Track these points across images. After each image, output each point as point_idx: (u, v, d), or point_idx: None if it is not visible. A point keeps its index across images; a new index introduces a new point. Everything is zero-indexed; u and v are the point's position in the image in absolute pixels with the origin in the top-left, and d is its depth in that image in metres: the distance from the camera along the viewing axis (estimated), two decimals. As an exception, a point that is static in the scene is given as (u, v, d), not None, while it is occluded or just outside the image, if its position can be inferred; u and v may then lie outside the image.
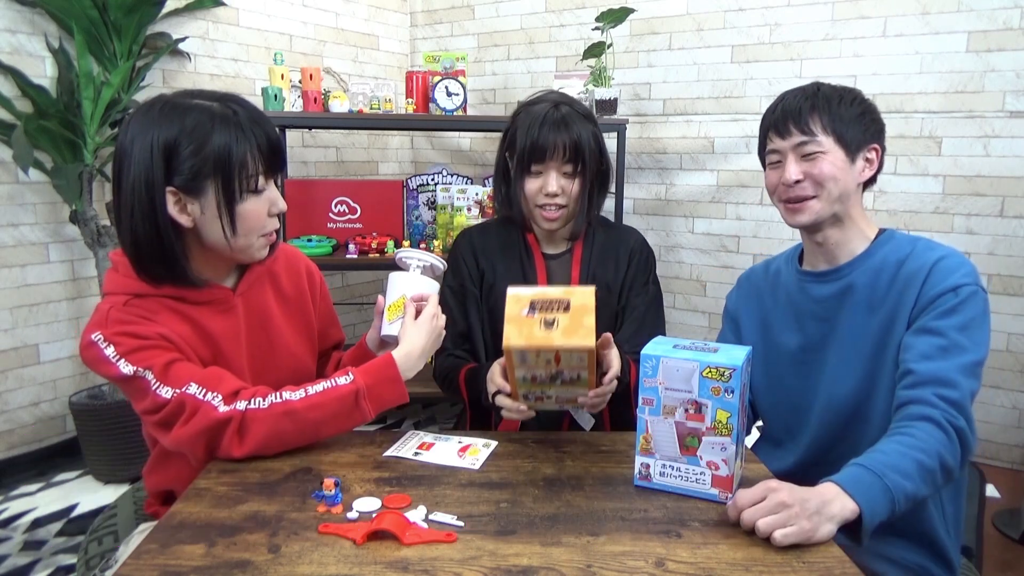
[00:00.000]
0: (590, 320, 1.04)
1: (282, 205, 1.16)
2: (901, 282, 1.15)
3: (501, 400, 1.21)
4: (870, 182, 1.24)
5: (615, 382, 1.18)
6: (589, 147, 1.41)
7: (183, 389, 1.07)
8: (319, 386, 1.13)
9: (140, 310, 1.11)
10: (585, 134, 1.41)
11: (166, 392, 1.06)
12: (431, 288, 1.26)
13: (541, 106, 1.43)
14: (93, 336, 1.08)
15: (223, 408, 1.07)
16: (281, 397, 1.11)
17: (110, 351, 1.07)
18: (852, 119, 1.18)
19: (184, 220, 1.09)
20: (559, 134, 1.38)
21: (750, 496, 0.92)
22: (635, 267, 1.53)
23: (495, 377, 1.23)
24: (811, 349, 1.25)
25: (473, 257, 1.52)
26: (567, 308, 1.05)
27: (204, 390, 1.07)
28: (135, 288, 1.12)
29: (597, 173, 1.48)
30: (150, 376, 1.07)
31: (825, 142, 1.18)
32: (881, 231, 1.24)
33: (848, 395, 1.19)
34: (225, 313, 1.19)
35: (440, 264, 1.30)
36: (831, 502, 0.90)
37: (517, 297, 1.08)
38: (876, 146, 1.21)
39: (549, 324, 1.04)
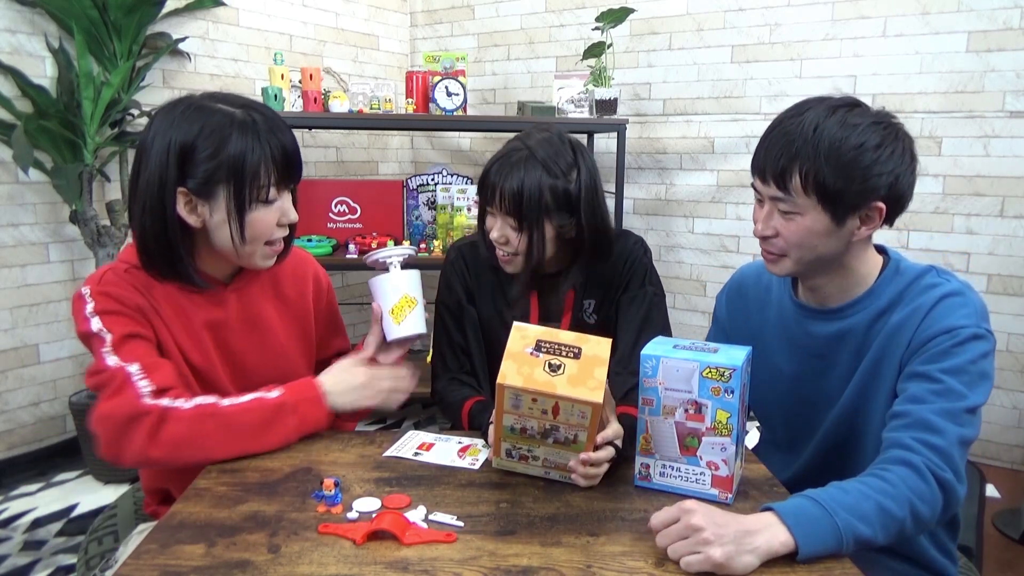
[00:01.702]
0: (601, 373, 0.95)
1: (293, 216, 1.17)
2: (893, 326, 1.07)
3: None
4: (885, 224, 1.08)
5: (610, 449, 1.04)
6: (539, 203, 1.26)
7: (126, 364, 1.07)
8: (248, 396, 1.13)
9: (135, 279, 1.14)
10: (532, 187, 1.25)
11: (112, 360, 1.08)
12: (417, 280, 1.27)
13: (512, 143, 1.33)
14: (83, 289, 1.12)
15: (148, 400, 1.06)
16: (207, 399, 1.10)
17: (89, 306, 1.10)
18: (847, 176, 0.99)
19: (193, 220, 1.11)
20: (500, 180, 1.27)
21: (663, 518, 0.87)
22: (629, 268, 1.43)
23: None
24: (805, 380, 1.19)
25: (465, 273, 1.45)
26: (577, 355, 0.96)
27: (143, 374, 1.07)
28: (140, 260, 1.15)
29: (576, 230, 1.32)
30: (108, 338, 1.09)
31: (803, 203, 1.01)
32: (887, 261, 1.13)
33: (839, 429, 1.15)
34: (214, 304, 1.20)
35: (412, 251, 1.30)
36: (756, 533, 0.84)
37: (523, 333, 0.99)
38: (879, 205, 1.02)
39: (554, 368, 0.95)
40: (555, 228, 1.31)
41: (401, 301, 1.24)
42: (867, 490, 0.91)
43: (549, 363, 0.96)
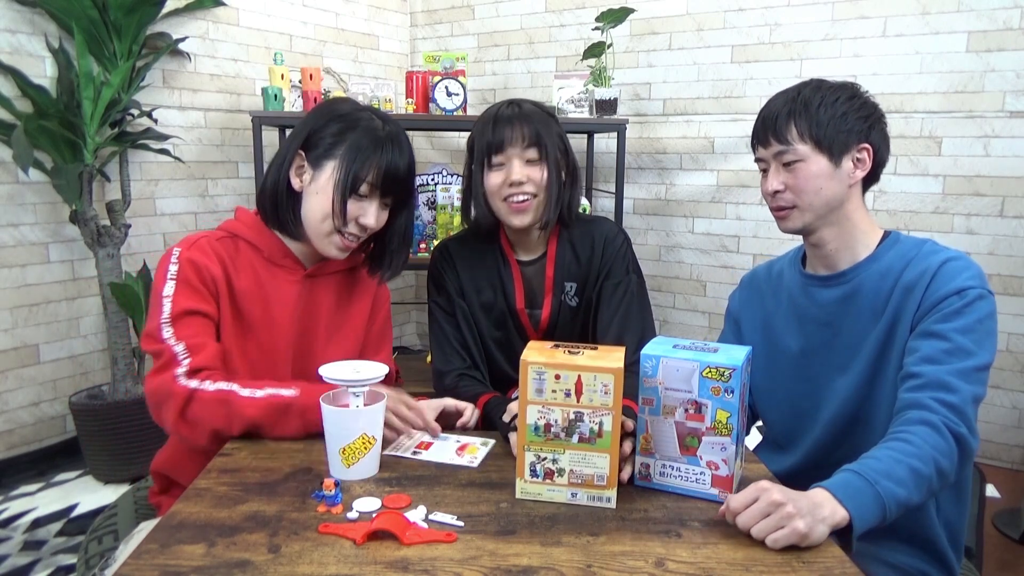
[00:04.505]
0: (619, 354, 1.00)
1: (369, 221, 1.24)
2: (904, 286, 1.13)
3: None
4: (872, 180, 1.20)
5: (628, 443, 1.06)
6: (551, 137, 1.38)
7: (174, 343, 1.17)
8: (266, 389, 1.17)
9: (225, 248, 1.25)
10: (543, 126, 1.38)
11: (166, 332, 1.17)
12: (381, 414, 1.09)
13: (496, 106, 1.42)
14: (175, 249, 1.23)
15: (181, 381, 1.15)
16: (229, 385, 1.16)
17: (172, 268, 1.20)
18: (833, 121, 1.14)
19: (296, 183, 1.26)
20: (514, 124, 1.36)
21: (742, 499, 0.90)
22: (609, 255, 1.46)
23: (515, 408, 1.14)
24: (812, 353, 1.24)
25: (454, 270, 1.49)
26: (594, 349, 1.02)
27: (186, 354, 1.16)
28: (237, 230, 1.28)
29: (567, 167, 1.44)
30: (167, 308, 1.18)
31: (803, 150, 1.15)
32: (887, 234, 1.21)
33: (850, 400, 1.18)
34: (291, 283, 1.30)
35: (382, 373, 1.10)
36: (821, 505, 0.89)
37: (538, 345, 1.04)
38: (866, 145, 1.16)
39: (573, 352, 1.00)
40: (558, 160, 1.41)
41: (357, 441, 1.05)
42: (896, 455, 0.97)
43: (568, 350, 1.01)
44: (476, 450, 1.17)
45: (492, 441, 1.20)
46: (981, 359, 1.06)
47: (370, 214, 1.24)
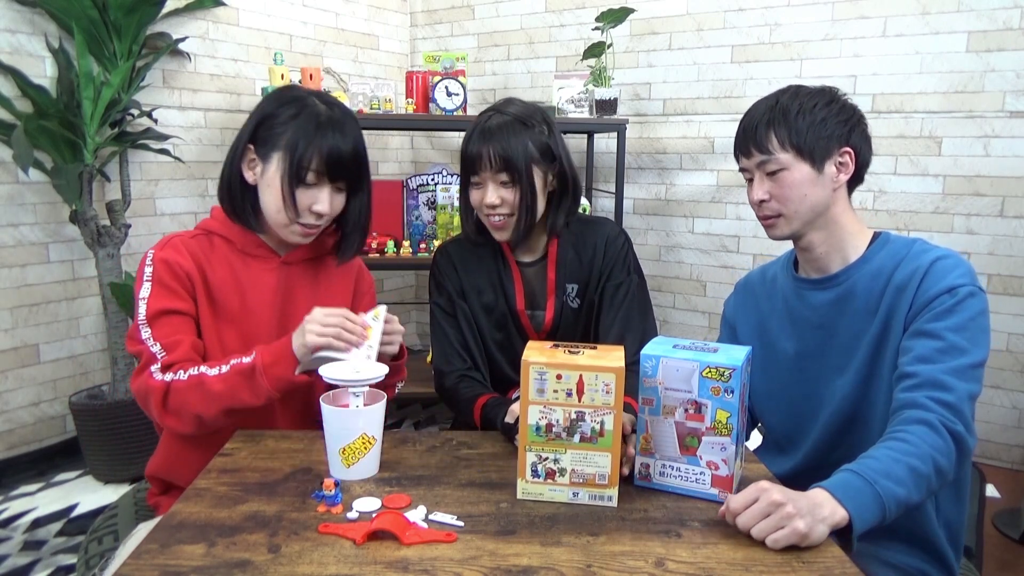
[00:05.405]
0: (619, 353, 1.00)
1: (322, 208, 1.24)
2: (896, 286, 1.13)
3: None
4: (856, 181, 1.20)
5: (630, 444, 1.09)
6: (525, 155, 1.35)
7: (151, 343, 1.19)
8: (230, 362, 1.19)
9: (200, 245, 1.28)
10: (517, 142, 1.34)
11: (144, 333, 1.20)
12: (382, 412, 1.08)
13: (481, 116, 1.41)
14: (149, 251, 1.25)
15: (157, 376, 1.18)
16: (198, 370, 1.18)
17: (148, 270, 1.23)
18: (812, 128, 1.14)
19: (249, 176, 1.27)
20: (485, 145, 1.35)
21: (742, 500, 0.90)
22: (611, 256, 1.47)
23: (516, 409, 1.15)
24: (809, 356, 1.24)
25: (454, 272, 1.49)
26: (594, 348, 1.03)
27: (162, 352, 1.19)
28: (211, 227, 1.31)
29: (561, 175, 1.43)
30: (143, 309, 1.21)
31: (784, 158, 1.15)
32: (876, 235, 1.21)
33: (847, 400, 1.18)
34: (266, 271, 1.31)
35: (382, 374, 1.10)
36: (822, 505, 0.89)
37: (538, 344, 1.05)
38: (847, 149, 1.16)
39: (574, 352, 1.00)
40: (543, 176, 1.40)
41: (357, 441, 1.05)
42: (895, 454, 0.97)
43: (568, 350, 1.02)
44: (370, 330, 1.18)
45: (383, 308, 1.23)
46: (975, 356, 1.06)
47: (322, 201, 1.24)
